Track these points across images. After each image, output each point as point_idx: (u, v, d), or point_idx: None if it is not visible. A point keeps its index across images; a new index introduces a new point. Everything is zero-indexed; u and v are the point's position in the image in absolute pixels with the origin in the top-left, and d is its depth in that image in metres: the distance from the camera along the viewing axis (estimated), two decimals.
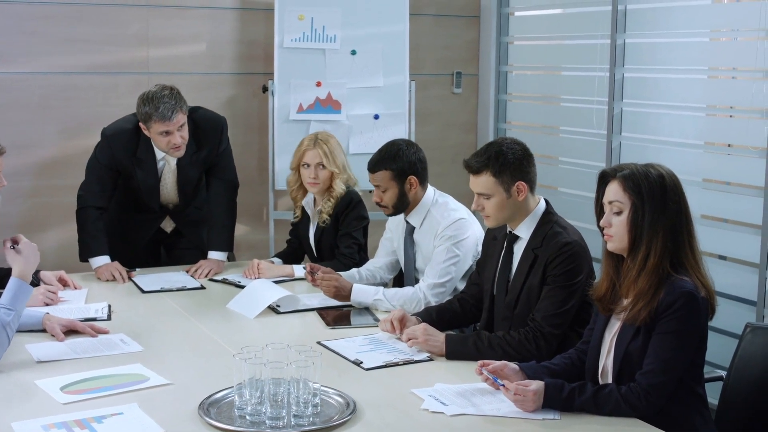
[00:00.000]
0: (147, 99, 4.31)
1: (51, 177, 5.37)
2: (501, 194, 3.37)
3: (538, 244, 3.37)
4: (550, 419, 2.69)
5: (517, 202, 3.38)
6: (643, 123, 5.00)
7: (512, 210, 3.40)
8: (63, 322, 3.45)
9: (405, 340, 3.32)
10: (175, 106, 4.28)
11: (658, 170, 2.80)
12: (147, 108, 4.29)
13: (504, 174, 3.36)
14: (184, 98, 4.36)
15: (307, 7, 5.51)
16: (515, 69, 6.11)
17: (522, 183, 3.37)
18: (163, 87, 4.34)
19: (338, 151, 4.46)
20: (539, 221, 3.41)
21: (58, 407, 2.75)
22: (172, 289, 4.10)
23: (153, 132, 4.33)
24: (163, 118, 4.26)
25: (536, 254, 3.36)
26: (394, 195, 4.04)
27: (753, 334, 3.07)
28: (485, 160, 3.38)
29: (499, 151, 3.37)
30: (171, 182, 4.57)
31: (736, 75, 4.68)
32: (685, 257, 2.75)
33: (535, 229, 3.40)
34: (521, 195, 3.38)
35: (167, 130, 4.29)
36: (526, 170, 3.40)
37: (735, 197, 4.50)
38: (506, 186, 3.36)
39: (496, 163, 3.36)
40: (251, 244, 5.68)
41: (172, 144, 4.33)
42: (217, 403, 2.76)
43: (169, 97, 4.29)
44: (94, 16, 5.37)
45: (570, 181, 5.55)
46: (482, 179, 3.38)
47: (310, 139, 4.47)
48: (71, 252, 4.63)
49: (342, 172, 4.43)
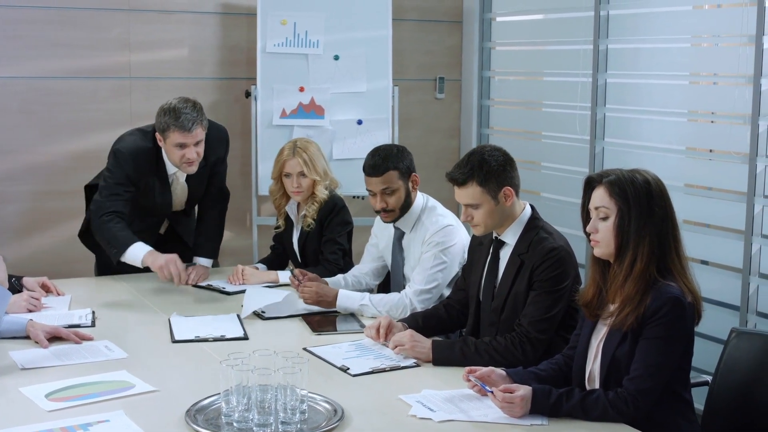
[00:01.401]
0: (168, 109, 4.22)
1: (34, 182, 5.34)
2: (489, 202, 3.37)
3: (525, 250, 3.37)
4: (537, 425, 2.69)
5: (505, 207, 3.39)
6: (626, 128, 5.02)
7: (501, 216, 3.41)
8: (47, 328, 3.43)
9: (391, 347, 3.31)
10: (196, 118, 4.21)
11: (644, 176, 2.81)
12: (167, 118, 4.20)
13: (490, 182, 3.36)
14: (204, 114, 4.29)
15: (290, 12, 5.50)
16: (498, 74, 6.12)
17: (508, 188, 3.38)
18: (186, 99, 4.26)
19: (318, 157, 4.44)
20: (525, 227, 3.42)
21: (43, 415, 2.73)
22: (208, 339, 3.52)
23: (169, 143, 4.25)
24: (182, 129, 4.18)
25: (522, 260, 3.36)
26: (401, 195, 4.00)
27: (738, 339, 3.09)
28: (469, 170, 3.37)
29: (482, 160, 3.37)
30: (181, 195, 4.55)
31: (718, 81, 4.71)
32: (672, 262, 2.76)
33: (521, 235, 3.41)
34: (509, 200, 3.39)
35: (184, 142, 4.21)
36: (510, 175, 3.41)
37: (717, 202, 4.52)
38: (493, 193, 3.37)
39: (481, 171, 3.36)
40: (235, 250, 5.66)
41: (186, 158, 4.25)
42: (204, 409, 2.75)
43: (192, 109, 4.22)
44: (76, 20, 5.35)
45: (553, 186, 5.56)
46: (469, 190, 3.38)
47: (289, 148, 4.44)
48: (54, 258, 4.61)
49: (324, 178, 4.42)
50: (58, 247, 4.83)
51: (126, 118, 5.42)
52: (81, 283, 4.39)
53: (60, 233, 5.04)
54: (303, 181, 4.38)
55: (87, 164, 5.24)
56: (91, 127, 5.42)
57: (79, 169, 5.28)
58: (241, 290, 4.19)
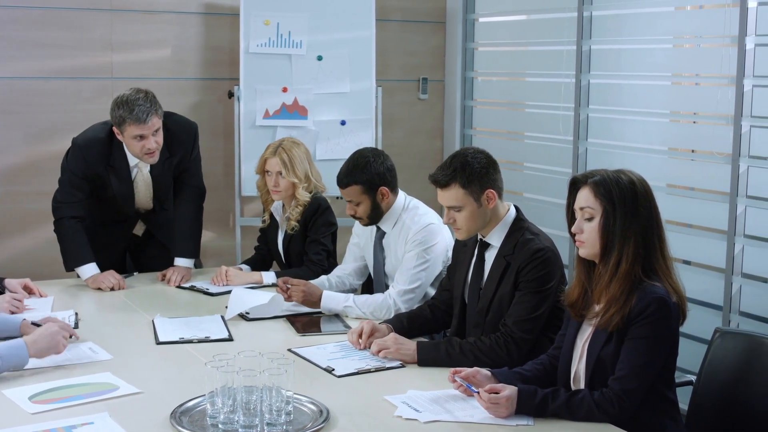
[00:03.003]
0: (121, 102, 4.22)
1: (16, 183, 5.32)
2: (472, 204, 3.37)
3: (510, 251, 3.37)
4: (523, 425, 2.69)
5: (487, 210, 3.39)
6: (609, 129, 5.04)
7: (484, 219, 3.40)
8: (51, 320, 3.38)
9: (374, 351, 3.30)
10: (150, 109, 4.20)
11: (628, 176, 2.81)
12: (121, 111, 4.20)
13: (472, 184, 3.35)
14: (159, 102, 4.29)
15: (273, 12, 5.49)
16: (481, 75, 6.13)
17: (491, 191, 3.38)
18: (137, 90, 4.26)
19: (300, 160, 4.41)
20: (510, 228, 3.42)
21: (26, 417, 2.72)
22: (192, 341, 3.49)
23: (127, 136, 4.25)
24: (137, 121, 4.18)
25: (508, 261, 3.36)
26: (367, 207, 4.01)
27: (722, 338, 3.10)
28: (452, 172, 3.37)
29: (465, 162, 3.37)
30: (145, 189, 4.51)
31: (700, 81, 4.73)
32: (657, 263, 2.76)
33: (506, 237, 3.41)
34: (491, 203, 3.38)
35: (142, 134, 4.22)
36: (494, 177, 3.41)
37: (699, 202, 4.54)
38: (476, 195, 3.36)
39: (463, 173, 3.35)
40: (218, 251, 5.65)
41: (146, 149, 4.25)
42: (189, 411, 2.74)
43: (144, 99, 4.21)
44: (58, 20, 5.33)
45: (536, 186, 5.57)
46: (451, 192, 3.37)
47: (274, 146, 4.45)
48: (37, 259, 4.59)
49: (303, 181, 4.39)
50: (41, 249, 4.80)
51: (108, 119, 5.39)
52: (64, 284, 4.36)
53: (42, 234, 5.00)
54: (281, 181, 4.37)
55: None
56: (74, 127, 5.33)
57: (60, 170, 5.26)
58: (225, 291, 4.17)
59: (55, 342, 3.13)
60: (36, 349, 3.08)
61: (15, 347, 3.06)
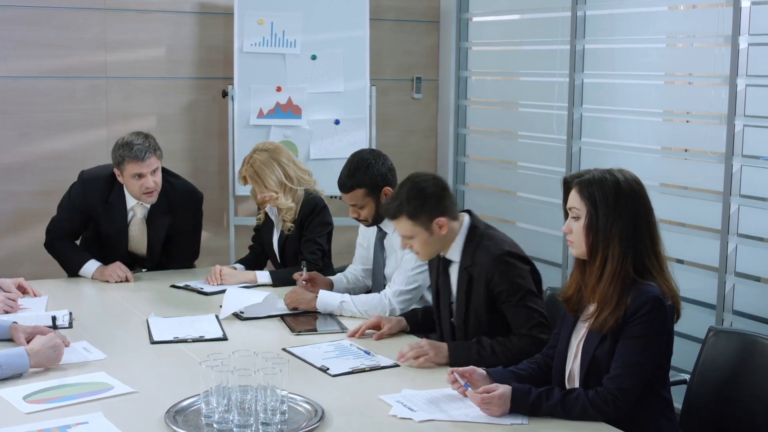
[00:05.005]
0: (122, 143, 4.36)
1: (10, 182, 5.30)
2: (422, 234, 3.35)
3: (470, 263, 3.36)
4: (518, 424, 2.69)
5: (440, 235, 3.36)
6: (602, 128, 5.05)
7: (438, 243, 3.39)
8: (28, 330, 3.39)
9: (412, 356, 3.20)
10: (149, 148, 4.33)
11: (615, 176, 2.79)
12: (121, 151, 4.34)
13: (419, 216, 3.33)
14: (159, 145, 4.40)
15: (267, 11, 5.49)
16: (475, 74, 6.13)
17: (440, 219, 3.34)
18: (137, 133, 4.41)
19: (270, 171, 4.34)
20: (466, 239, 3.40)
21: (21, 417, 2.71)
22: (187, 340, 3.49)
23: (126, 175, 4.36)
24: (136, 159, 4.30)
25: (470, 273, 3.35)
26: (372, 210, 3.99)
27: (716, 337, 3.11)
28: (398, 205, 3.35)
29: (410, 194, 3.34)
30: (139, 235, 4.57)
31: (693, 81, 4.74)
32: (650, 262, 2.76)
33: (464, 249, 3.39)
34: (443, 229, 3.35)
35: (140, 172, 4.32)
36: (442, 204, 3.36)
37: (692, 201, 4.55)
38: (425, 226, 3.34)
39: (409, 206, 3.33)
40: (212, 251, 5.64)
41: (145, 187, 4.35)
42: (183, 411, 2.74)
43: (143, 139, 4.36)
44: (52, 19, 5.32)
45: (530, 186, 5.58)
46: (401, 224, 3.37)
47: (244, 161, 4.43)
48: (31, 259, 4.58)
49: (280, 189, 4.34)
50: (35, 248, 4.78)
51: (102, 119, 5.41)
52: (58, 284, 4.36)
53: (36, 234, 4.97)
54: (259, 194, 4.38)
55: (63, 165, 5.23)
56: (68, 127, 5.39)
57: (55, 169, 5.27)
58: (219, 291, 4.18)
59: (57, 354, 3.14)
60: (37, 360, 3.08)
61: (15, 356, 3.05)
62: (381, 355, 3.31)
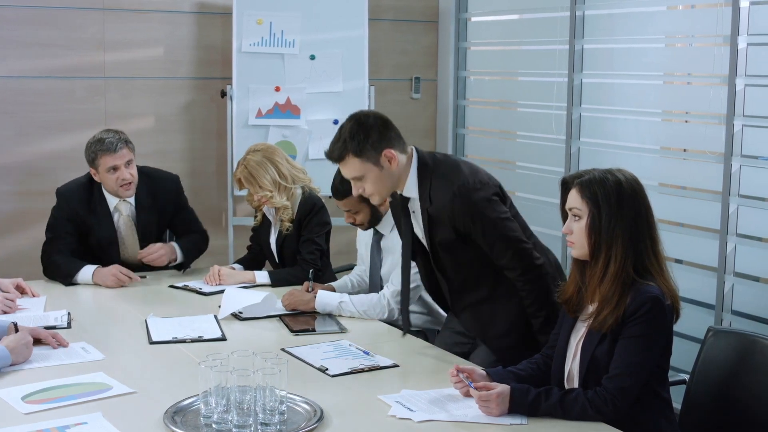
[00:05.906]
0: (92, 141, 4.38)
1: (8, 183, 5.30)
2: (372, 170, 3.25)
3: (428, 203, 3.29)
4: (517, 424, 2.69)
5: (392, 170, 3.27)
6: (601, 128, 5.05)
7: (391, 179, 3.30)
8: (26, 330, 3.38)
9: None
10: (120, 139, 4.35)
11: (616, 176, 2.79)
12: (93, 147, 4.35)
13: (365, 150, 3.23)
14: (129, 138, 4.41)
15: (266, 11, 5.49)
16: (474, 74, 6.13)
17: (388, 150, 3.25)
18: (107, 129, 4.44)
19: (263, 170, 4.34)
20: (418, 178, 3.31)
21: (19, 417, 2.71)
22: (185, 340, 3.49)
23: (102, 171, 4.35)
24: (108, 151, 4.30)
25: (430, 213, 3.30)
26: (367, 214, 4.00)
27: (715, 337, 3.10)
28: (342, 144, 3.25)
29: (353, 130, 3.24)
30: (131, 237, 4.53)
31: (692, 81, 4.74)
32: (650, 263, 2.76)
33: (419, 188, 3.31)
34: (393, 162, 3.26)
35: (115, 164, 4.32)
36: (387, 136, 3.27)
37: (692, 201, 4.55)
38: (373, 160, 3.25)
39: (353, 143, 3.23)
40: (210, 251, 5.58)
41: (122, 180, 4.35)
42: (182, 411, 2.73)
43: (114, 133, 4.38)
44: (50, 19, 5.31)
45: (528, 186, 5.58)
46: (348, 164, 3.27)
47: (239, 163, 4.43)
48: (30, 259, 4.57)
49: (274, 189, 4.34)
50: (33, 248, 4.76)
51: (101, 118, 5.40)
52: (56, 284, 4.34)
53: (35, 234, 4.97)
54: (254, 196, 4.38)
55: (62, 164, 5.23)
56: (67, 127, 5.39)
57: (54, 169, 5.26)
58: (218, 291, 4.17)
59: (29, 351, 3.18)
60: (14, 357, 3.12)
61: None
62: (380, 355, 3.30)
